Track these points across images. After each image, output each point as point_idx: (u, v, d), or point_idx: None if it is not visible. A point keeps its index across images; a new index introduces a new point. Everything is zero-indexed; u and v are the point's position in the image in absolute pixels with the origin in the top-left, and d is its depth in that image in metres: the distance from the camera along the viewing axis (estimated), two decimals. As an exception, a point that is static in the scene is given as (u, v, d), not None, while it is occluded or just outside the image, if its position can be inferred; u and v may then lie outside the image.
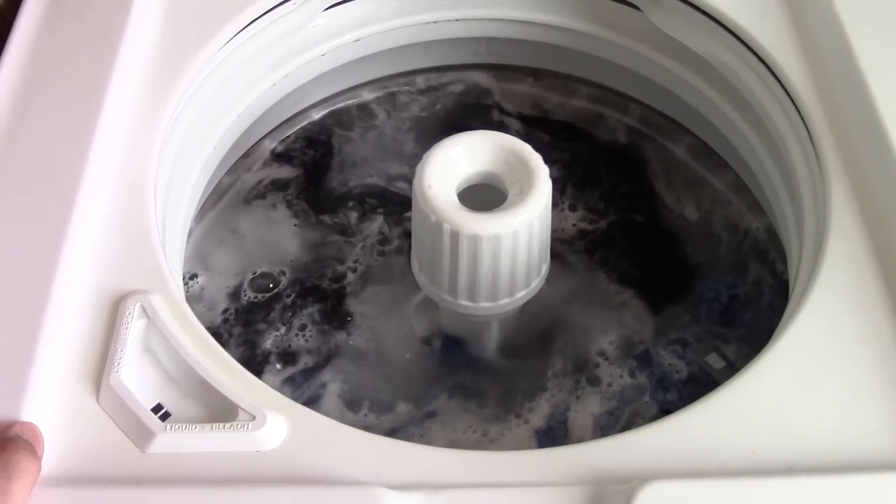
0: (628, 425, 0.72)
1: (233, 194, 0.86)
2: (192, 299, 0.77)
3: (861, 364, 0.53)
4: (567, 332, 0.78)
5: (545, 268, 0.68)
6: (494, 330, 0.76)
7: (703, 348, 0.76)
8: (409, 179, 0.86)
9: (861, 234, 0.59)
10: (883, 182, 0.61)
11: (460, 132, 0.66)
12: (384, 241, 0.84)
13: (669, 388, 0.74)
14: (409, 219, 0.68)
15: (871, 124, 0.62)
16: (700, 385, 0.74)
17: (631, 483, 0.47)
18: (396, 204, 0.86)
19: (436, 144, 0.64)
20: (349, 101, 0.94)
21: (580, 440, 0.70)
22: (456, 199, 0.63)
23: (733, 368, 0.74)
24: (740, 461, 0.50)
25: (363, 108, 0.94)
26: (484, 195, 0.64)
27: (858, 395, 0.52)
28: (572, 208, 0.86)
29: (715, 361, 0.75)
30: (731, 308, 0.78)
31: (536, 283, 0.67)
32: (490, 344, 0.77)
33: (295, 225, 0.85)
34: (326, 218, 0.85)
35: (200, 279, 0.80)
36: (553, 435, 0.71)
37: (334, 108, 0.93)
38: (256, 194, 0.87)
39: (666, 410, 0.73)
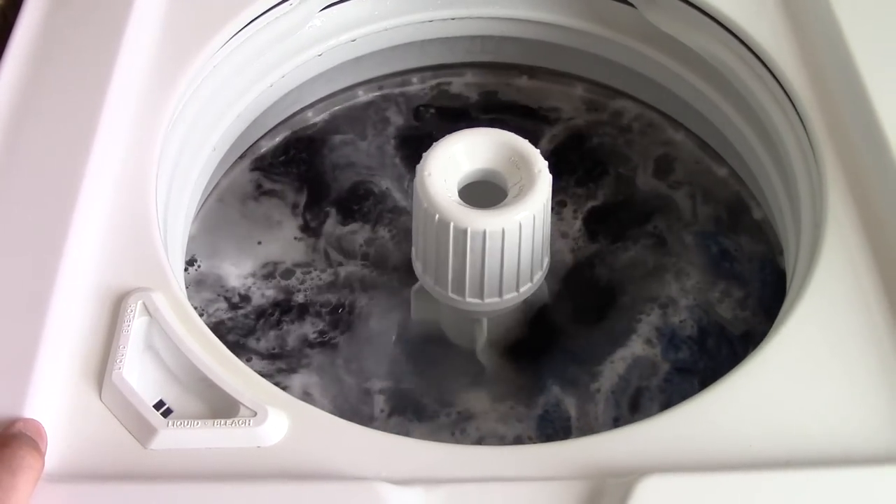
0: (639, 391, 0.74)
1: (231, 193, 0.86)
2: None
3: (858, 358, 0.54)
4: (568, 314, 0.79)
5: (546, 262, 0.68)
6: (495, 322, 0.76)
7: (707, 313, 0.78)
8: (407, 178, 0.87)
9: (857, 228, 0.60)
10: (879, 177, 0.61)
11: (460, 130, 0.66)
12: (382, 239, 0.84)
13: (681, 347, 0.76)
14: (408, 217, 0.68)
15: (867, 119, 0.63)
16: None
17: (629, 476, 0.48)
18: (394, 202, 0.86)
19: (437, 142, 0.65)
20: (345, 101, 0.94)
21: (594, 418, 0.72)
22: (457, 195, 0.63)
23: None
24: (738, 455, 0.50)
25: (359, 107, 0.94)
26: (485, 192, 0.65)
27: (855, 389, 0.53)
28: (565, 203, 0.86)
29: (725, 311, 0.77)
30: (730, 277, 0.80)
31: (539, 276, 0.68)
32: (491, 336, 0.78)
33: (290, 223, 0.85)
34: (323, 217, 0.85)
35: (194, 273, 0.80)
36: (554, 416, 0.72)
37: (331, 107, 0.93)
38: (254, 194, 0.87)
39: (679, 369, 0.74)
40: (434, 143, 0.65)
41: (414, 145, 0.90)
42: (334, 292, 0.80)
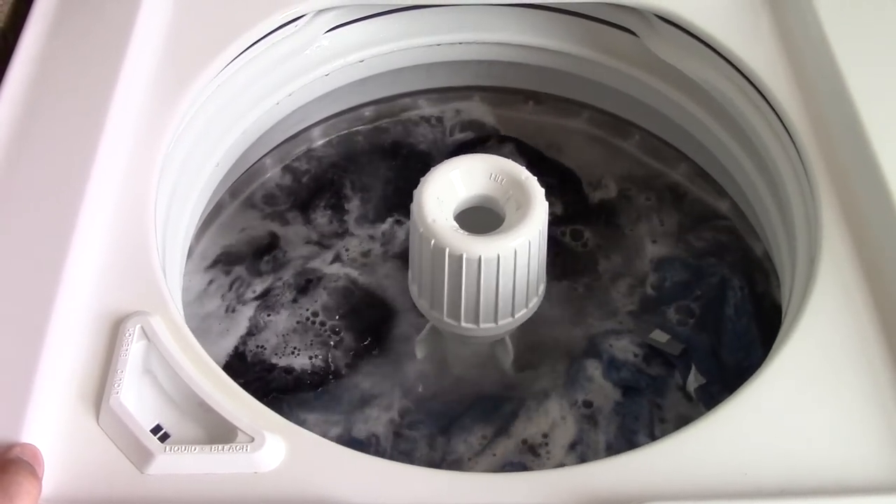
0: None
1: (233, 211, 0.87)
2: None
3: (852, 387, 0.54)
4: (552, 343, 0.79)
5: (542, 287, 0.68)
6: (486, 350, 0.77)
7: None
8: (408, 199, 0.87)
9: (851, 258, 0.60)
10: (873, 208, 0.61)
11: (458, 155, 0.66)
12: (383, 260, 0.84)
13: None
14: (408, 239, 0.69)
15: (862, 150, 0.63)
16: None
17: (626, 505, 0.48)
18: (395, 224, 0.86)
19: (433, 168, 0.65)
20: (351, 121, 0.94)
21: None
22: (454, 221, 0.63)
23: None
24: (733, 483, 0.50)
25: (364, 128, 0.94)
26: (482, 218, 0.65)
27: (850, 419, 0.53)
28: (564, 224, 0.86)
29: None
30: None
31: (535, 302, 0.68)
32: (477, 363, 0.78)
33: (293, 241, 0.85)
34: (325, 236, 0.86)
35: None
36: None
37: (336, 127, 0.94)
38: (256, 212, 0.87)
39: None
40: (432, 168, 0.65)
41: (416, 168, 0.90)
42: (335, 311, 0.80)
